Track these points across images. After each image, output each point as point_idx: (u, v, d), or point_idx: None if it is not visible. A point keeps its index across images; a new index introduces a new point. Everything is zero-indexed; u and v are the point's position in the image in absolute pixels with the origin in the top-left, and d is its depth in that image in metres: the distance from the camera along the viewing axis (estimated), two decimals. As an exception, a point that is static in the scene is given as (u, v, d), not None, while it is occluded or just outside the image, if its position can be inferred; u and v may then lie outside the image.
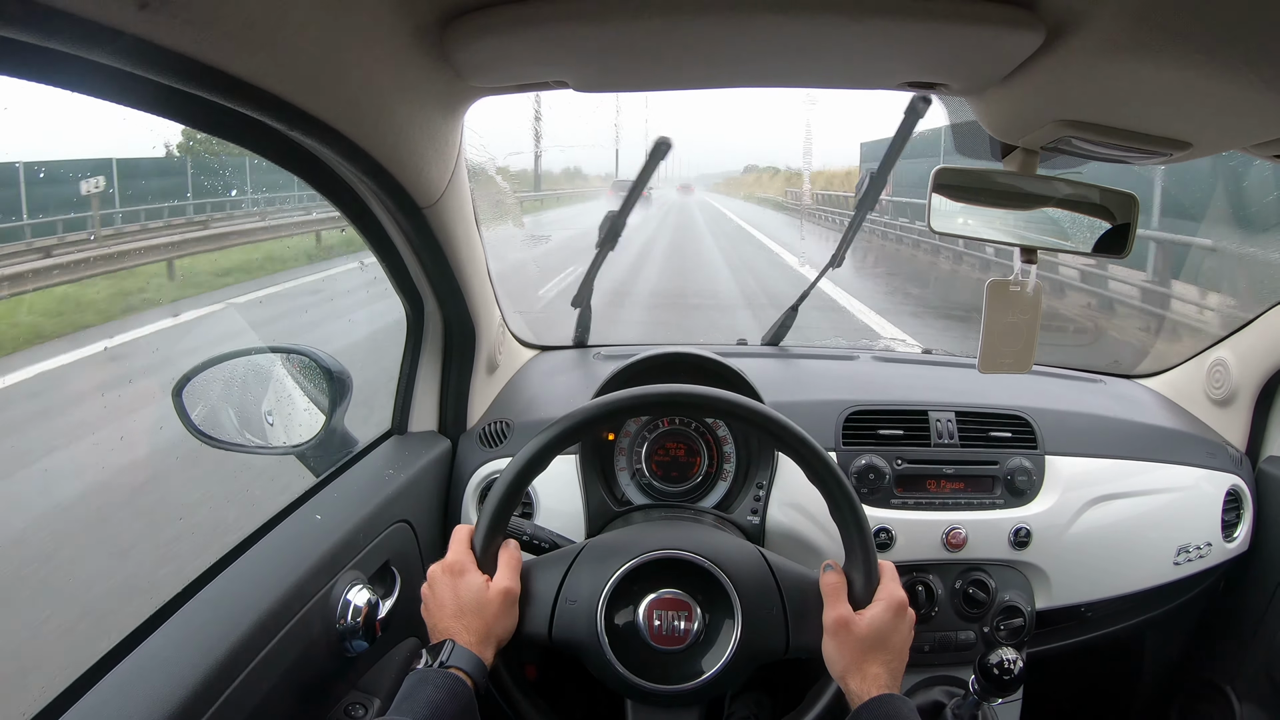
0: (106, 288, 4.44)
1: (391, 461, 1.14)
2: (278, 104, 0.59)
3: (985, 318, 0.94)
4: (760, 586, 0.86)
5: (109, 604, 2.05)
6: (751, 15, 0.60)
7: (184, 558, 2.16)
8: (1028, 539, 1.22)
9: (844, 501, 0.86)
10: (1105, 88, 0.65)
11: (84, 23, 0.42)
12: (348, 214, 0.92)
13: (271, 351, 1.20)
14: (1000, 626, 1.24)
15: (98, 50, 0.44)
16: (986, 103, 0.76)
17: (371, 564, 0.97)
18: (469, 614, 0.81)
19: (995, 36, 0.60)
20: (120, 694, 0.66)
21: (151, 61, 0.47)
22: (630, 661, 0.83)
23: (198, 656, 0.69)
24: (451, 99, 0.81)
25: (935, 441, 1.27)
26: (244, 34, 0.51)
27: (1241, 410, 1.43)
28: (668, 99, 25.97)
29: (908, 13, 0.58)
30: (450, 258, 1.05)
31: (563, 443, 0.87)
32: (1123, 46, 0.57)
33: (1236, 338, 1.43)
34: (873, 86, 0.76)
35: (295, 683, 0.80)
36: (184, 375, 1.07)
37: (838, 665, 0.81)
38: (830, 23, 0.60)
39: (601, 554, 0.88)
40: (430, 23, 0.63)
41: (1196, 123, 0.70)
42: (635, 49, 0.67)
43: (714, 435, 1.26)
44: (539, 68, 0.71)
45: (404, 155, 0.80)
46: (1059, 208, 0.91)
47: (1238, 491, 1.35)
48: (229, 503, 2.35)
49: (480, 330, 1.23)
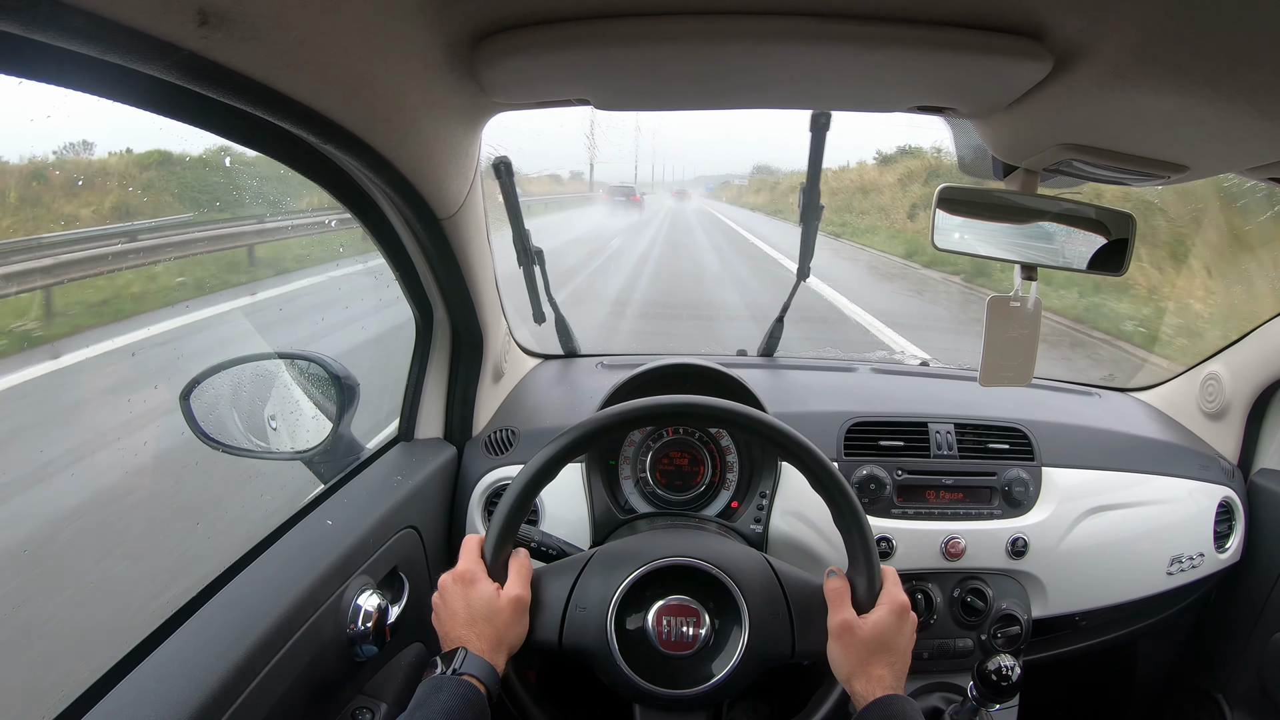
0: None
1: (399, 468, 1.14)
2: (315, 118, 0.60)
3: (986, 332, 0.96)
4: (767, 593, 0.87)
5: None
6: (771, 44, 0.61)
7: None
8: (1025, 549, 1.24)
9: (847, 509, 0.87)
10: (1107, 114, 0.67)
11: (144, 37, 0.43)
12: (366, 224, 0.94)
13: (279, 357, 1.20)
14: (998, 634, 1.26)
15: (154, 64, 0.45)
16: (992, 125, 0.79)
17: (380, 570, 0.97)
18: (481, 622, 0.81)
19: (1004, 65, 0.62)
20: (139, 697, 0.66)
21: (203, 76, 0.49)
22: (640, 667, 0.84)
23: (215, 660, 0.70)
24: (474, 114, 0.83)
25: (935, 453, 1.29)
26: (294, 52, 0.52)
27: (1234, 423, 1.46)
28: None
29: (921, 42, 0.60)
30: (463, 267, 1.06)
31: (572, 453, 0.88)
32: (1125, 77, 0.59)
33: (1230, 352, 1.46)
34: (884, 110, 0.78)
35: (306, 687, 0.81)
36: (192, 380, 1.07)
37: (843, 668, 0.83)
38: (846, 51, 0.62)
39: (611, 562, 0.89)
40: (461, 41, 0.65)
41: (1194, 147, 0.73)
42: (657, 71, 0.69)
43: (717, 445, 1.28)
44: (563, 85, 0.73)
45: (427, 168, 0.82)
46: (1058, 225, 0.94)
47: (1230, 503, 1.38)
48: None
49: (488, 339, 1.24)
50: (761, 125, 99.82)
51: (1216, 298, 4.78)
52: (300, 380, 1.21)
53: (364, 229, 0.94)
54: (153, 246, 4.34)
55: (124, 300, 3.95)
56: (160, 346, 3.58)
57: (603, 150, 23.05)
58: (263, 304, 4.88)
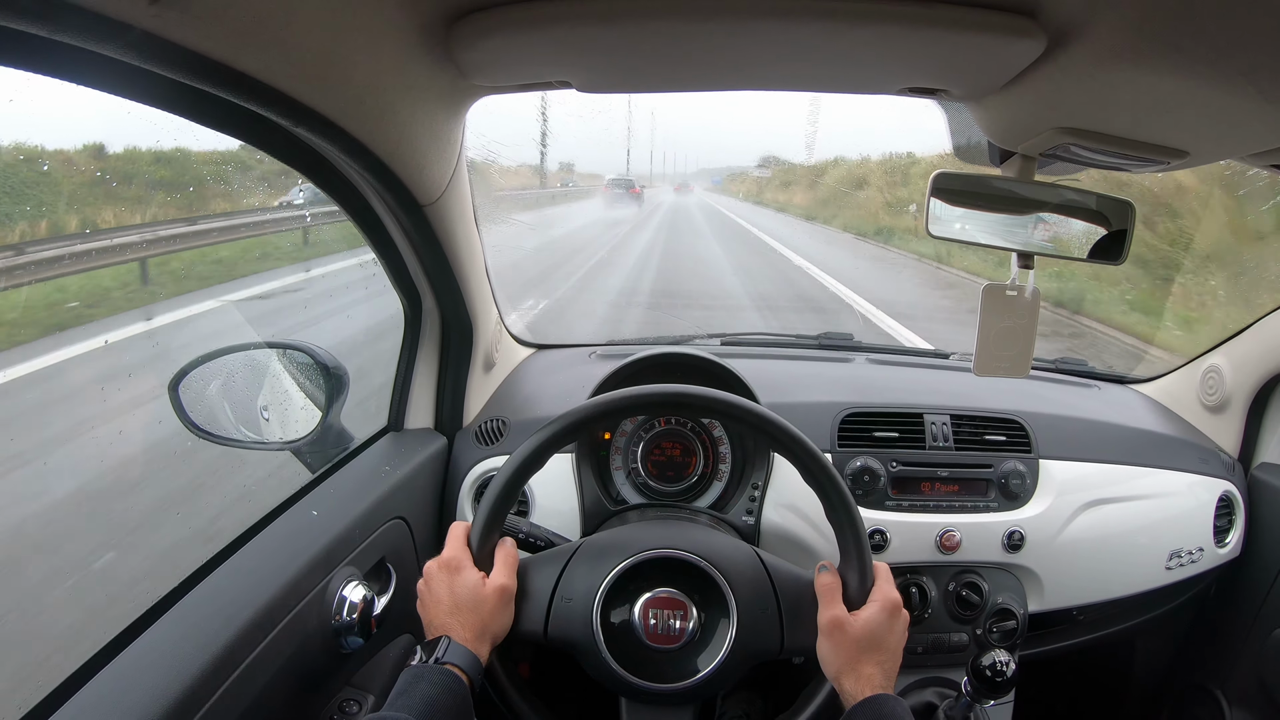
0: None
1: (387, 458, 1.14)
2: (283, 100, 0.59)
3: (981, 321, 0.94)
4: (756, 587, 0.86)
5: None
6: (755, 20, 0.60)
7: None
8: (1021, 542, 1.23)
9: (839, 503, 0.86)
10: (1104, 96, 0.65)
11: (93, 17, 0.42)
12: (349, 210, 0.92)
13: (268, 347, 1.19)
14: (993, 629, 1.25)
15: (107, 44, 0.44)
16: (986, 109, 0.77)
17: (367, 560, 0.97)
18: (465, 610, 0.81)
19: (997, 44, 0.61)
20: (116, 688, 0.66)
21: (160, 56, 0.47)
22: (625, 660, 0.83)
23: (194, 651, 0.69)
24: (454, 97, 0.81)
25: (930, 444, 1.27)
26: (253, 30, 0.51)
27: (1234, 417, 1.44)
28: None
29: (911, 20, 0.59)
30: (449, 255, 1.05)
31: (560, 441, 0.87)
32: (1122, 56, 0.58)
33: (1230, 345, 1.44)
34: (874, 91, 0.76)
35: (290, 679, 0.80)
36: (180, 370, 1.06)
37: (832, 665, 0.82)
38: (833, 29, 0.60)
39: (598, 552, 0.88)
40: (436, 21, 0.63)
41: (1194, 132, 0.71)
42: (639, 51, 0.67)
43: (710, 435, 1.27)
44: (543, 68, 0.71)
45: (406, 153, 0.80)
46: (1056, 213, 0.92)
47: (1230, 497, 1.36)
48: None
49: (478, 328, 1.23)
50: (767, 115, 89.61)
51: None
52: (289, 369, 1.20)
53: (348, 216, 0.93)
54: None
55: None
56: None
57: (583, 138, 21.00)
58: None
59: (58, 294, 3.12)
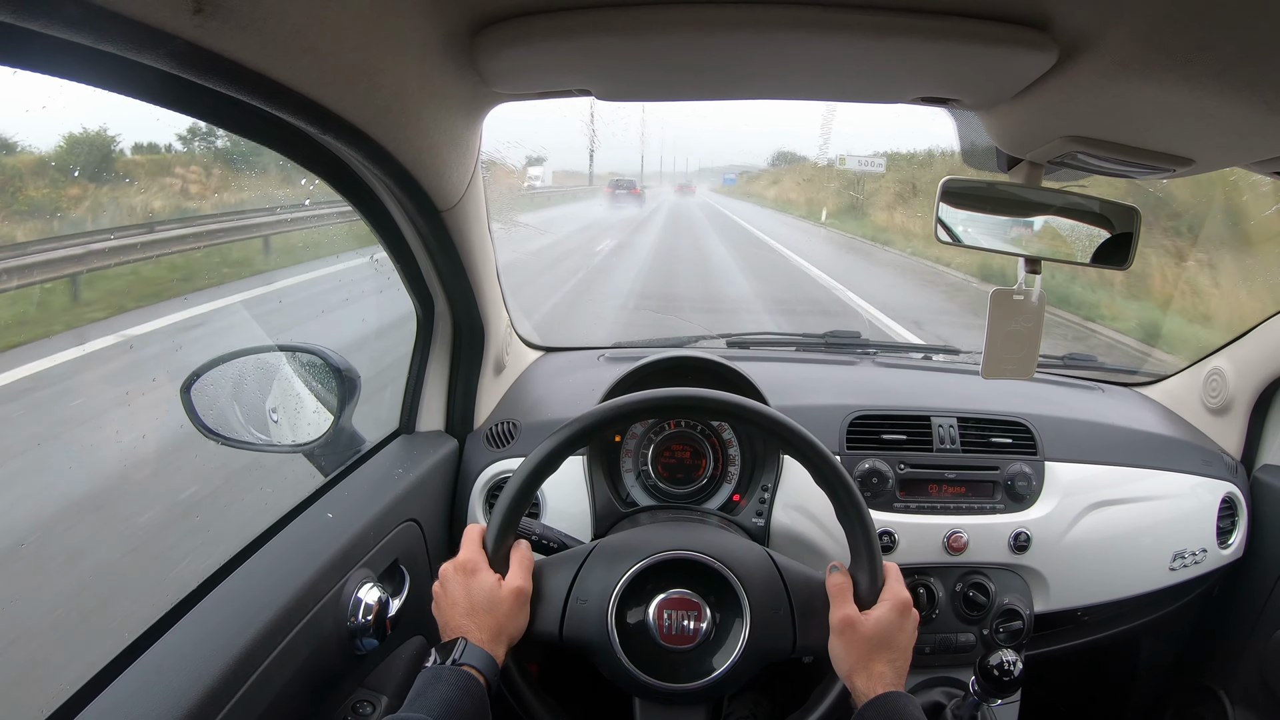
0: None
1: (400, 461, 1.14)
2: (313, 108, 0.60)
3: (989, 325, 0.96)
4: (768, 587, 0.87)
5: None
6: (774, 33, 0.61)
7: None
8: (1027, 543, 1.24)
9: (850, 504, 0.87)
10: (1113, 106, 0.66)
11: (138, 26, 0.43)
12: (367, 216, 0.93)
13: (280, 350, 1.20)
14: (1000, 629, 1.26)
15: (149, 53, 0.45)
16: (997, 117, 0.78)
17: (381, 562, 0.97)
18: (481, 612, 0.81)
19: (1009, 56, 0.62)
20: (139, 689, 0.66)
21: (198, 66, 0.48)
22: (640, 660, 0.84)
23: (214, 653, 0.70)
24: (475, 104, 0.82)
25: (937, 447, 1.28)
26: (289, 40, 0.52)
27: (1237, 419, 1.45)
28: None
29: (926, 33, 0.60)
30: (464, 259, 1.06)
31: (575, 444, 0.88)
32: (1131, 68, 0.59)
33: (1234, 347, 1.45)
34: (887, 101, 0.77)
35: (306, 680, 0.81)
36: (193, 373, 1.07)
37: (844, 664, 0.83)
38: (850, 41, 0.61)
39: (612, 554, 0.89)
40: (460, 30, 0.64)
41: (1200, 140, 0.72)
42: (659, 62, 0.68)
43: (719, 438, 1.28)
44: (564, 76, 0.72)
45: (427, 159, 0.81)
46: (1063, 219, 0.93)
47: (1233, 499, 1.37)
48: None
49: (489, 331, 1.24)
50: (768, 115, 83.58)
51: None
52: (301, 373, 1.21)
53: (365, 221, 0.94)
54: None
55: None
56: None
57: (583, 140, 20.58)
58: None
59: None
